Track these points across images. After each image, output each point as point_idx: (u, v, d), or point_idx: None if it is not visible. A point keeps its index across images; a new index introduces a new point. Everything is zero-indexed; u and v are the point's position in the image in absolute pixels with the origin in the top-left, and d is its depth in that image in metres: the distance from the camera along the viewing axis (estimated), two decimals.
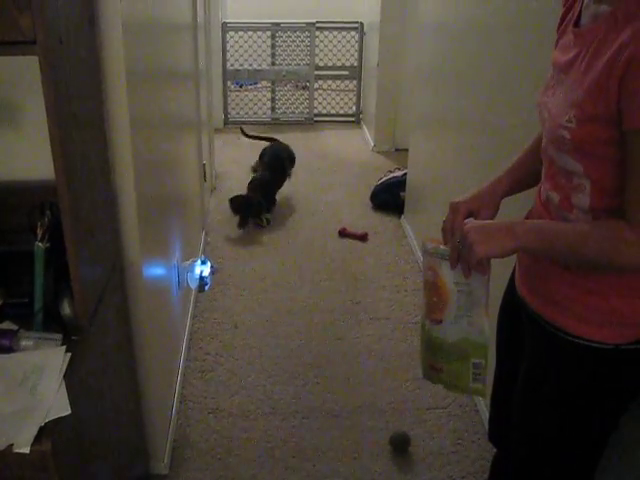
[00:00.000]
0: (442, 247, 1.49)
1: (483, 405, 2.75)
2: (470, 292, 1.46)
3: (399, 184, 4.81)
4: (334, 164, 5.97)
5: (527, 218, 1.57)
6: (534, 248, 1.39)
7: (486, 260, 1.42)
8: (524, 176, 1.64)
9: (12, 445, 1.23)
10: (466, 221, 1.47)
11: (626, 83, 1.16)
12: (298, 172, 5.51)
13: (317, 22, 6.99)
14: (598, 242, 1.27)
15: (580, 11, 1.36)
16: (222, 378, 3.03)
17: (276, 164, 4.92)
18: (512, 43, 2.50)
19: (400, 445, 2.61)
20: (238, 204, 4.49)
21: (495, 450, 1.93)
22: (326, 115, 7.32)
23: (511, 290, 1.64)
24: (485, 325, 1.49)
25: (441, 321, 1.52)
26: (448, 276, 1.47)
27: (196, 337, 3.33)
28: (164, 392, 2.54)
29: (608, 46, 1.20)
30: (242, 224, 4.46)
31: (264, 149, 5.17)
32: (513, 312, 1.63)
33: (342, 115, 7.33)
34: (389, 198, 4.89)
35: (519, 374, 1.61)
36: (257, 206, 4.51)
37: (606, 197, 1.30)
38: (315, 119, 7.25)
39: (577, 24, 1.36)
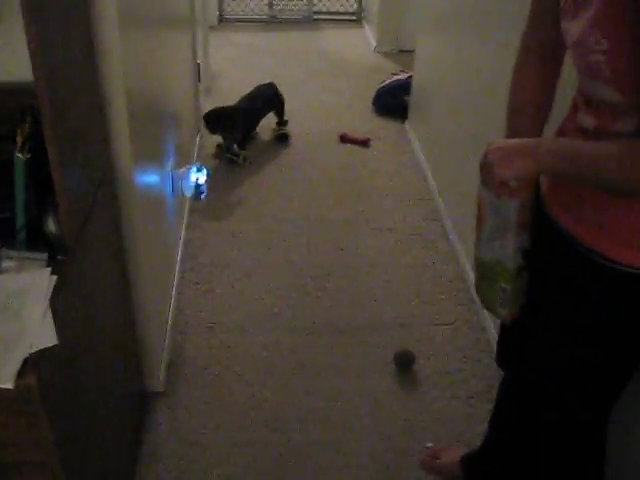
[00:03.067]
0: None
1: (490, 322, 2.65)
2: (501, 215, 1.40)
3: (403, 87, 4.59)
4: (334, 65, 5.72)
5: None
6: (557, 171, 1.28)
7: (515, 183, 1.31)
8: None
9: None
10: (489, 141, 1.36)
11: None
12: (296, 73, 5.29)
13: None
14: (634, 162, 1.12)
15: None
16: (219, 291, 2.92)
17: (253, 104, 4.24)
18: None
19: (404, 363, 2.53)
20: (214, 118, 4.00)
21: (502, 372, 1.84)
22: (326, 13, 7.00)
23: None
24: (511, 250, 1.43)
25: (479, 238, 1.49)
26: (485, 195, 1.41)
27: (191, 248, 3.20)
28: (159, 307, 2.43)
29: None
30: (212, 130, 4.02)
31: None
32: (535, 231, 1.50)
33: (343, 13, 7.01)
34: (392, 102, 4.68)
35: (536, 298, 1.50)
36: (231, 119, 3.99)
37: None
38: (314, 17, 6.93)
39: None
